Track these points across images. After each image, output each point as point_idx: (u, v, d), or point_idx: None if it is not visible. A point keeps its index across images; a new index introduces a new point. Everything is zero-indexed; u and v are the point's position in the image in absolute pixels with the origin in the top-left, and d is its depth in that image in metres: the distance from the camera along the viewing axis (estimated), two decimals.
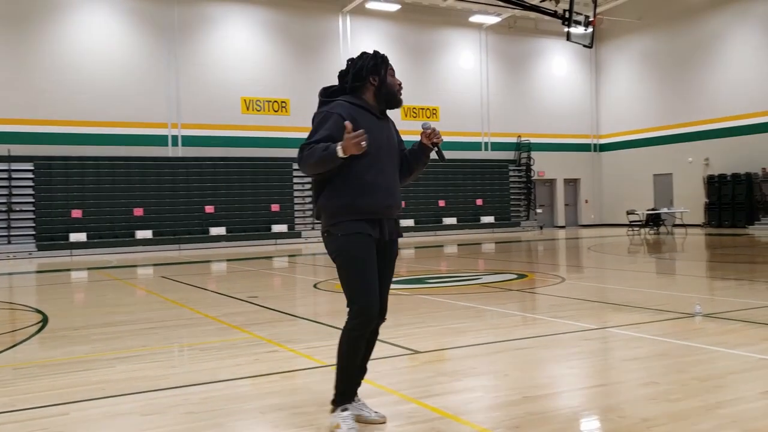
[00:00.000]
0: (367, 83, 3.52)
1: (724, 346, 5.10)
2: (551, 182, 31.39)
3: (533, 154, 29.76)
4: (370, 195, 3.40)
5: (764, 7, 25.23)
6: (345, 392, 3.50)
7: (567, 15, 20.70)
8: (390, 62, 3.62)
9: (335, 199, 3.40)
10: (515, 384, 4.26)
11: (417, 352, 5.27)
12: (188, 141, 24.11)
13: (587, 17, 21.27)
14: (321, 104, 3.52)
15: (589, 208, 32.09)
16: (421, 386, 4.24)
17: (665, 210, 25.10)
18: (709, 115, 27.06)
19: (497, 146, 29.75)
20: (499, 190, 29.26)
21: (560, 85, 31.41)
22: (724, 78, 26.58)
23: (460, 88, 28.95)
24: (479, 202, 28.56)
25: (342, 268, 3.46)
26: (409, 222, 26.58)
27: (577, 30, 21.35)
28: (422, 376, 4.52)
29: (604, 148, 32.19)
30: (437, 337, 5.87)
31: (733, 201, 25.58)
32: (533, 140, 29.94)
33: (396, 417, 3.66)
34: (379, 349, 5.37)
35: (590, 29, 21.61)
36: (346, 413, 3.44)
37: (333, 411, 3.48)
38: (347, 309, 3.42)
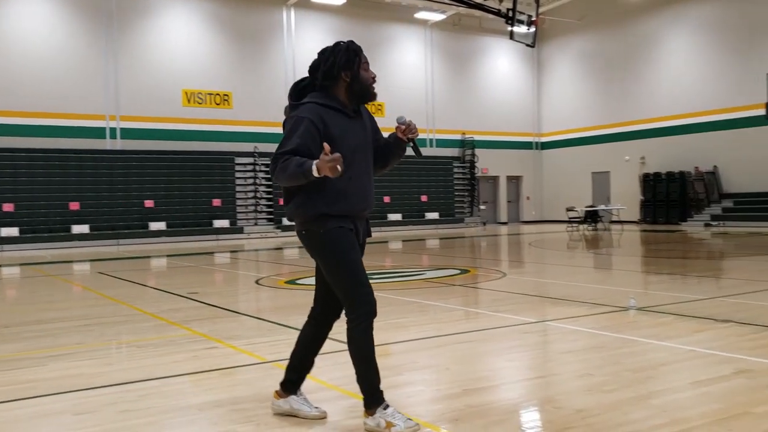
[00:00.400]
0: (340, 80, 3.34)
1: (656, 339, 5.26)
2: (494, 179, 31.87)
3: (477, 151, 30.14)
4: (343, 201, 3.32)
5: (698, 10, 26.15)
6: (376, 391, 3.37)
7: (510, 14, 21.03)
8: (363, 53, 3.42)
9: (309, 204, 3.30)
10: (456, 377, 4.31)
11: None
12: (127, 133, 23.52)
13: (530, 17, 21.66)
14: (291, 108, 3.36)
15: (530, 205, 32.72)
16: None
17: (603, 207, 25.78)
18: (646, 115, 27.91)
19: (442, 143, 30.03)
20: (443, 187, 29.53)
21: (504, 84, 31.88)
22: (660, 79, 27.45)
23: (406, 84, 29.08)
24: (424, 198, 28.78)
25: (330, 266, 3.36)
26: None
27: (520, 29, 21.74)
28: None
29: (545, 146, 32.84)
30: (379, 332, 5.84)
31: (668, 198, 26.46)
32: (477, 137, 30.33)
33: (336, 412, 3.65)
34: None
35: (533, 29, 22.03)
36: (390, 410, 3.30)
37: (372, 414, 3.31)
38: (346, 310, 3.40)
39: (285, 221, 25.26)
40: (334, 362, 4.80)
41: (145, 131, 23.80)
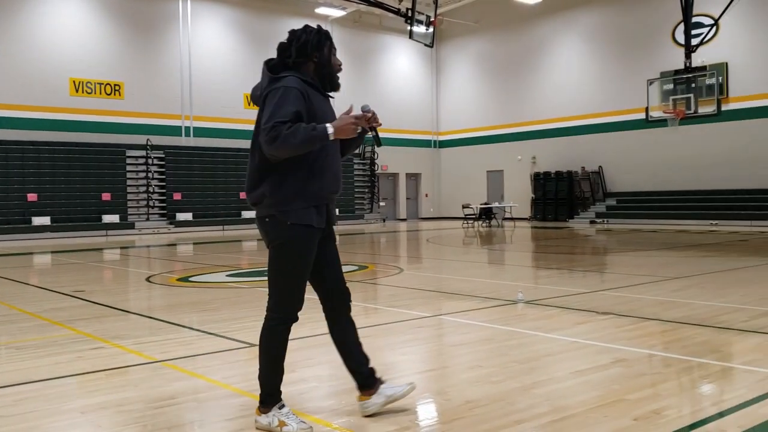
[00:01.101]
0: (309, 61, 3.30)
1: (541, 331, 5.50)
2: (394, 176, 32.26)
3: (377, 148, 30.37)
4: (319, 179, 3.21)
5: (587, 17, 27.48)
6: (275, 390, 3.31)
7: (409, 14, 21.30)
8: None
9: (285, 185, 3.15)
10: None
11: (253, 345, 5.19)
12: (7, 123, 22.09)
13: (429, 17, 22.01)
14: (271, 81, 3.21)
15: (428, 202, 33.36)
16: (255, 379, 4.17)
17: (496, 204, 26.65)
18: (538, 117, 29.07)
19: None
20: (344, 183, 29.53)
21: (403, 82, 32.30)
22: (551, 82, 28.66)
23: None
24: None
25: (279, 262, 3.26)
26: (252, 213, 26.05)
27: (419, 29, 22.05)
28: (256, 369, 4.46)
29: (443, 144, 33.56)
30: None
31: (556, 197, 27.69)
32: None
33: (227, 411, 3.59)
34: (213, 344, 5.26)
35: (431, 29, 22.39)
36: (285, 410, 3.27)
37: (266, 412, 3.26)
38: (268, 304, 3.33)
39: (180, 216, 24.55)
40: (224, 361, 4.72)
41: (28, 121, 22.45)
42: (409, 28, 21.70)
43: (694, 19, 20.61)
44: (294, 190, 3.16)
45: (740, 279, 8.76)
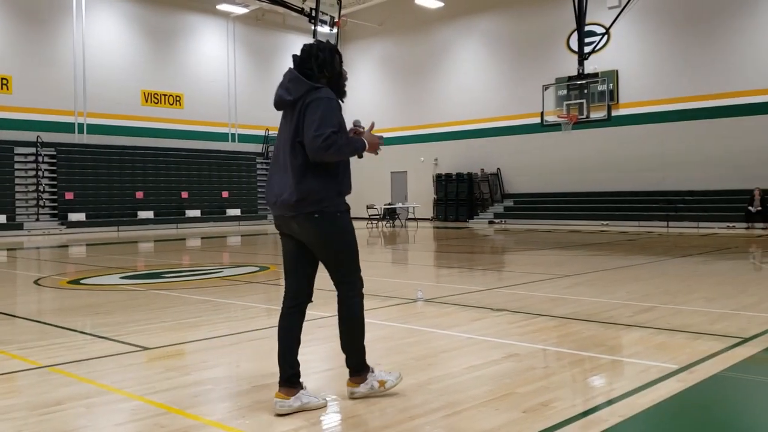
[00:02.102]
0: (323, 75, 3.68)
1: (439, 328, 5.61)
2: None
3: None
4: (346, 182, 3.66)
5: (487, 23, 28.27)
6: (364, 360, 3.74)
7: (313, 13, 21.22)
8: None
9: (328, 183, 3.54)
10: (246, 374, 4.27)
11: (146, 348, 5.03)
12: None
13: (332, 18, 22.01)
14: (310, 89, 3.55)
15: None
16: (148, 383, 4.06)
17: (400, 205, 26.97)
18: (439, 119, 29.65)
19: (245, 138, 29.59)
20: (246, 183, 29.10)
21: None
22: (453, 86, 29.29)
23: (207, 76, 28.25)
24: (225, 194, 28.14)
25: (342, 247, 3.67)
26: (148, 214, 25.29)
27: (323, 29, 22.00)
28: (149, 373, 4.33)
29: None
30: (170, 332, 5.66)
31: (457, 198, 28.33)
32: None
33: (118, 416, 3.46)
34: (104, 347, 5.05)
35: (335, 30, 22.40)
36: (377, 370, 3.76)
37: (363, 380, 3.68)
38: (345, 285, 3.71)
39: (72, 217, 23.44)
40: (116, 365, 4.54)
41: None
42: (312, 27, 21.62)
43: (587, 28, 21.60)
44: (334, 187, 3.58)
45: (626, 276, 9.26)
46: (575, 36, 21.44)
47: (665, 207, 22.65)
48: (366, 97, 32.67)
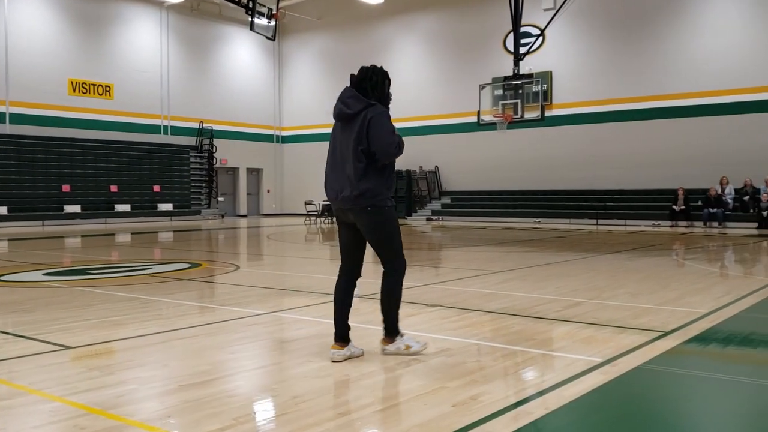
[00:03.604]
0: (374, 95, 4.55)
1: (373, 324, 5.60)
2: (234, 171, 31.54)
3: (216, 141, 29.55)
4: (392, 179, 4.53)
5: (426, 21, 28.47)
6: (397, 323, 4.59)
7: (250, 5, 20.92)
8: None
9: (382, 183, 4.42)
10: (173, 374, 4.17)
11: (68, 347, 4.85)
12: None
13: (270, 10, 21.76)
14: (368, 105, 4.43)
15: (271, 198, 32.97)
16: (68, 383, 3.91)
17: None
18: None
19: (178, 131, 28.92)
20: (179, 177, 28.44)
21: (245, 74, 31.66)
22: (393, 82, 29.23)
23: (139, 66, 27.47)
24: (157, 188, 27.44)
25: (389, 234, 4.50)
26: (74, 208, 24.44)
27: (261, 21, 21.74)
28: (71, 373, 4.18)
29: (286, 139, 33.32)
30: (94, 330, 5.47)
31: (396, 194, 28.40)
32: (216, 127, 29.74)
33: (35, 418, 3.31)
34: (23, 347, 4.85)
35: (273, 22, 22.15)
36: (406, 336, 4.60)
37: (392, 341, 4.53)
38: (390, 264, 4.56)
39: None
40: (35, 365, 4.36)
41: None
42: (250, 19, 21.33)
43: (523, 29, 22.02)
44: (383, 185, 4.43)
45: (556, 272, 9.48)
46: (512, 37, 21.81)
47: (595, 205, 23.32)
48: (304, 91, 32.43)
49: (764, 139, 20.93)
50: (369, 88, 4.54)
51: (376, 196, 4.37)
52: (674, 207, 21.22)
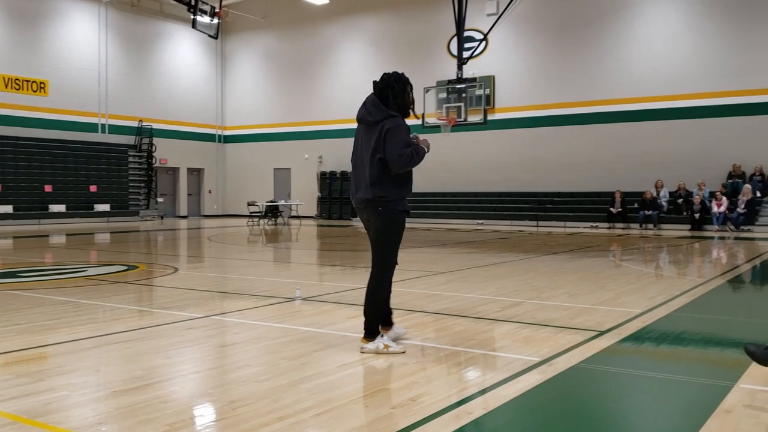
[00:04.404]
0: (396, 102, 4.86)
1: (314, 326, 5.57)
2: (174, 171, 30.90)
3: (156, 140, 28.89)
4: (408, 187, 4.83)
5: (372, 23, 28.49)
6: (378, 324, 4.74)
7: (193, 2, 20.56)
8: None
9: (396, 190, 4.72)
10: (106, 379, 4.04)
11: None
12: None
13: (213, 8, 21.43)
14: (388, 117, 4.75)
15: (212, 199, 32.43)
16: None
17: (283, 202, 26.66)
18: (325, 117, 29.56)
19: (116, 129, 28.14)
20: (116, 177, 27.66)
21: (186, 73, 31.06)
22: (338, 83, 29.28)
23: (75, 63, 26.64)
24: (93, 188, 26.63)
25: (390, 236, 4.77)
26: (6, 209, 23.52)
27: (203, 19, 21.37)
28: None
29: (228, 139, 32.84)
30: (23, 335, 5.27)
31: (342, 196, 28.38)
32: (156, 126, 29.08)
33: None
34: None
35: (216, 20, 21.81)
36: (385, 337, 4.70)
37: (370, 340, 4.65)
38: (380, 264, 4.75)
39: None
40: None
41: None
42: (192, 17, 20.94)
43: (466, 34, 22.25)
44: (397, 192, 4.73)
45: (498, 273, 9.61)
46: (456, 41, 22.02)
47: (535, 207, 23.76)
48: (248, 91, 32.05)
49: (697, 143, 21.71)
50: (391, 96, 4.85)
51: (388, 202, 4.70)
52: (611, 209, 21.78)
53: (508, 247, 14.56)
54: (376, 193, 4.68)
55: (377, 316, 4.74)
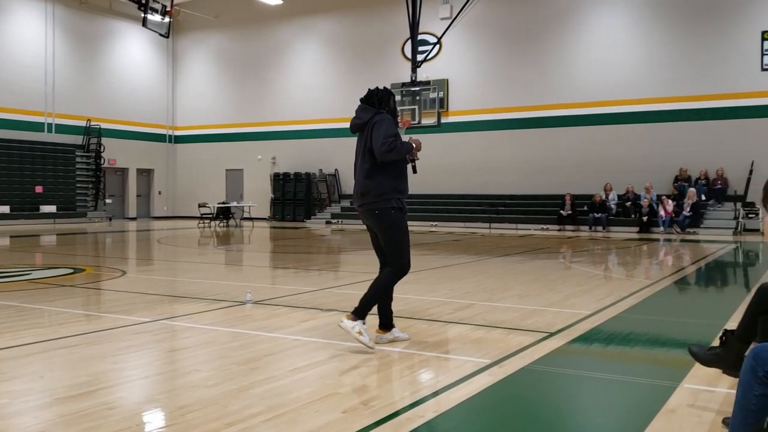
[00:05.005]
0: (381, 108, 5.10)
1: (266, 330, 5.51)
2: (123, 171, 30.25)
3: (104, 140, 28.22)
4: (403, 182, 5.00)
5: (326, 24, 28.41)
6: (367, 312, 4.84)
7: (143, 0, 20.18)
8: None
9: (387, 183, 4.89)
10: (50, 386, 3.92)
11: None
12: None
13: (164, 6, 21.07)
14: (375, 114, 5.01)
15: (162, 200, 31.86)
16: None
17: (235, 204, 26.35)
18: (278, 118, 29.35)
19: (63, 129, 27.40)
20: (63, 177, 26.93)
21: (136, 72, 30.45)
22: (291, 84, 29.12)
23: (21, 60, 25.86)
24: (39, 189, 25.86)
25: (395, 235, 4.95)
26: None
27: (154, 17, 21.01)
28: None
29: (179, 139, 32.32)
30: None
31: (295, 197, 28.21)
32: (105, 125, 28.41)
33: None
34: None
35: (167, 19, 21.46)
36: (365, 326, 4.77)
37: (355, 320, 4.73)
38: (393, 263, 4.94)
39: None
40: None
41: None
42: (143, 15, 20.56)
43: (420, 37, 22.38)
44: (390, 185, 4.90)
45: (450, 275, 9.67)
46: (410, 44, 22.12)
47: (488, 209, 24.02)
48: (200, 91, 31.59)
49: (645, 148, 22.26)
50: (376, 101, 5.13)
51: (380, 196, 4.86)
52: (562, 212, 22.16)
53: (462, 249, 14.68)
54: (368, 185, 4.89)
55: (371, 305, 4.89)
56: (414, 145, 5.02)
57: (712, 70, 21.41)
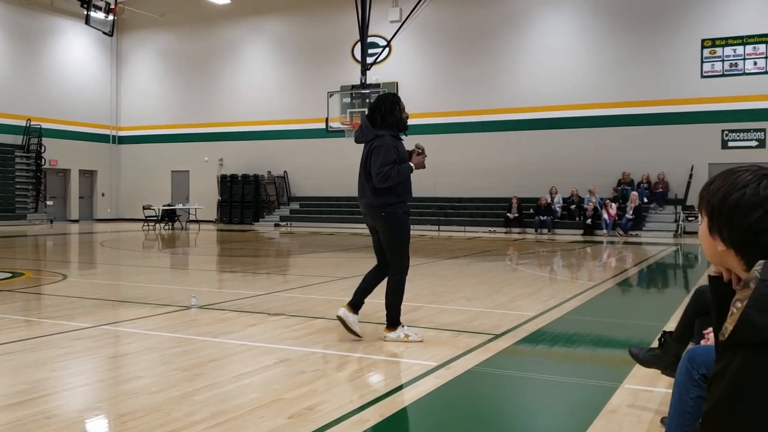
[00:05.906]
0: (385, 122, 5.24)
1: (211, 336, 5.43)
2: (65, 172, 29.40)
3: (45, 140, 27.35)
4: (406, 193, 5.30)
5: (275, 25, 28.19)
6: (399, 316, 5.24)
7: None
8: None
9: (394, 196, 5.21)
10: None
11: None
12: None
13: (108, 4, 20.65)
14: (376, 136, 5.20)
15: (105, 202, 31.08)
16: None
17: (181, 206, 25.89)
18: (225, 119, 28.95)
19: (1, 128, 26.45)
20: (1, 178, 26.00)
21: (79, 70, 29.63)
22: (240, 85, 28.78)
23: None
24: None
25: (397, 237, 5.25)
26: None
27: (98, 15, 20.55)
28: None
29: (123, 140, 31.59)
30: None
31: (243, 199, 27.88)
32: (46, 125, 27.55)
33: None
34: None
35: (111, 17, 21.01)
36: (406, 327, 5.24)
37: (393, 330, 5.19)
38: (394, 264, 5.24)
39: None
40: None
41: None
42: (85, 12, 20.08)
43: (370, 40, 22.43)
44: (396, 197, 5.22)
45: None
46: (359, 46, 22.14)
47: (437, 212, 24.20)
48: (145, 91, 30.95)
49: (589, 152, 22.77)
50: (378, 118, 5.23)
51: (388, 206, 5.19)
52: (508, 215, 22.48)
53: (410, 252, 14.72)
54: (377, 202, 5.20)
55: (397, 308, 5.21)
56: (414, 167, 5.28)
57: (654, 77, 22.05)
